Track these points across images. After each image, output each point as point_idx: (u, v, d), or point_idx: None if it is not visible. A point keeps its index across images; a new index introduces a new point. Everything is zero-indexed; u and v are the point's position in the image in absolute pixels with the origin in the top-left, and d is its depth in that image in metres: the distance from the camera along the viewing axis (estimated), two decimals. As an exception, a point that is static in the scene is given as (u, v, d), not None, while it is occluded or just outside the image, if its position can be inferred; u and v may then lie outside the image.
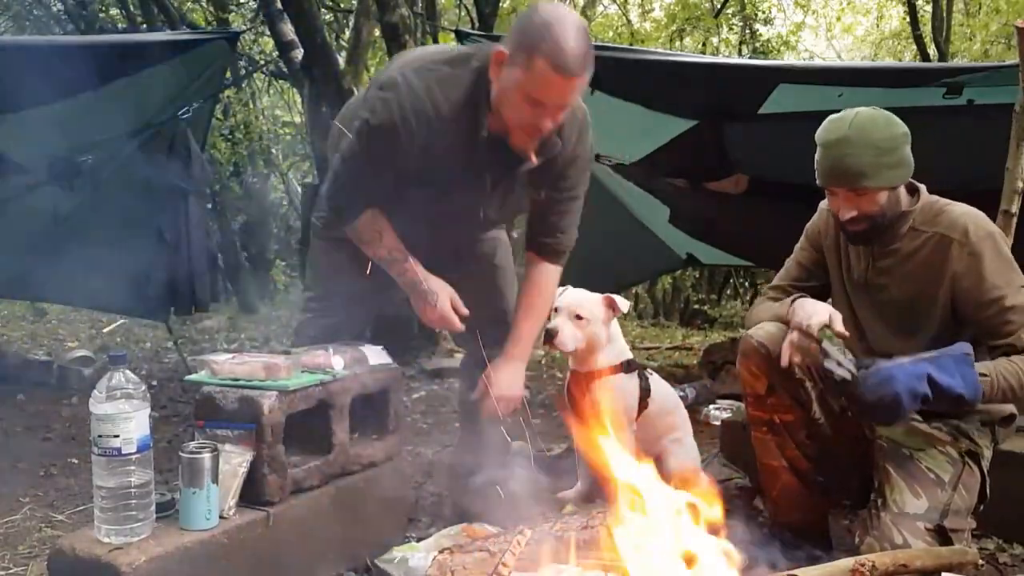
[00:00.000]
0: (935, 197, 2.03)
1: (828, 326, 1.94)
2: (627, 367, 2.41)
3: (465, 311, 2.20)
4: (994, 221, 2.63)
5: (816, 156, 2.00)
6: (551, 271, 2.28)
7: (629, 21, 12.25)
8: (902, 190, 2.00)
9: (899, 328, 2.04)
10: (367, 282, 2.24)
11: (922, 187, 2.05)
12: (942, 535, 1.85)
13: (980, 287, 1.90)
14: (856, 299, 2.12)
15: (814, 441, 2.10)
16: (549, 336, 2.33)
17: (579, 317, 2.33)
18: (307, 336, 2.33)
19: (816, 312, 1.98)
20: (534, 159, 2.03)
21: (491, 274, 2.42)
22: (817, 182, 2.02)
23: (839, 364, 1.86)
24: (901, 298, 2.03)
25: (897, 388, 1.77)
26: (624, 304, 2.37)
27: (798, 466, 2.11)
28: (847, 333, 2.00)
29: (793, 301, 2.06)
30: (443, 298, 2.17)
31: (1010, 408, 2.04)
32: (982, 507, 1.98)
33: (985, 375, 1.82)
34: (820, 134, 2.00)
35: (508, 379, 2.25)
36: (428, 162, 2.03)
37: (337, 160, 2.15)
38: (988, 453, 2.02)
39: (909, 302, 2.01)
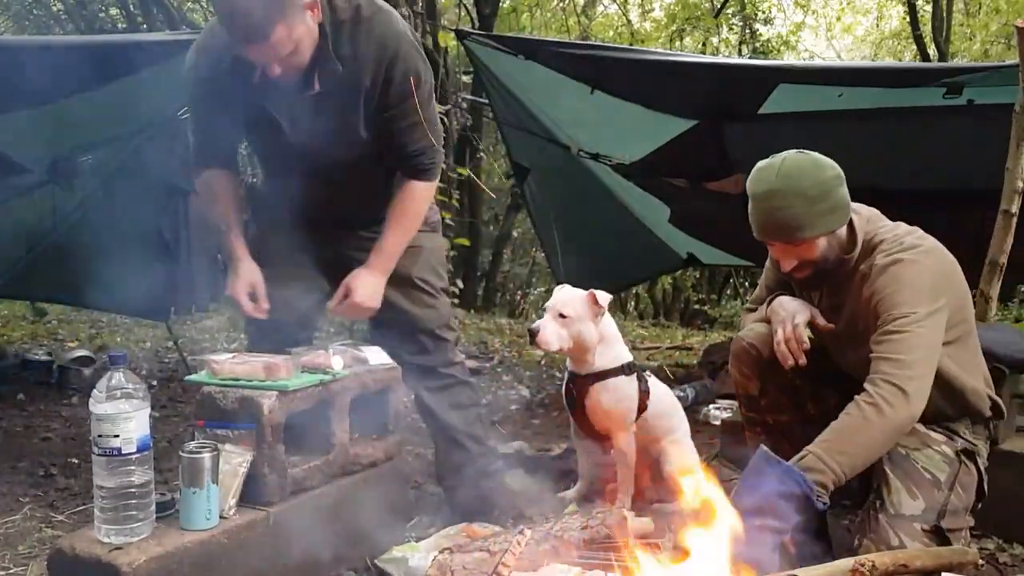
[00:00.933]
0: (874, 230, 1.97)
1: (812, 323, 1.95)
2: (627, 369, 2.41)
3: (266, 305, 2.20)
4: (994, 221, 2.66)
5: (748, 207, 1.95)
6: (417, 187, 2.26)
7: (629, 21, 12.27)
8: (844, 230, 1.95)
9: (861, 349, 2.00)
10: (299, 263, 2.27)
11: (858, 224, 1.96)
12: (939, 536, 1.84)
13: (876, 316, 1.87)
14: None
15: (811, 442, 2.10)
16: (532, 334, 2.32)
17: (562, 315, 2.32)
18: (254, 326, 2.32)
19: (797, 311, 1.98)
20: (316, 85, 2.06)
21: (409, 294, 2.37)
22: (754, 235, 1.97)
23: None
24: (851, 331, 2.00)
25: (756, 549, 1.67)
26: (605, 298, 2.36)
27: (795, 467, 2.10)
28: (831, 326, 2.00)
29: (770, 302, 2.06)
30: (238, 283, 2.20)
31: (983, 395, 2.01)
32: (980, 505, 1.98)
33: (804, 455, 1.75)
34: (748, 184, 1.94)
35: (367, 289, 2.22)
36: (231, 97, 2.11)
37: None
38: (985, 451, 2.02)
39: (860, 336, 1.97)
